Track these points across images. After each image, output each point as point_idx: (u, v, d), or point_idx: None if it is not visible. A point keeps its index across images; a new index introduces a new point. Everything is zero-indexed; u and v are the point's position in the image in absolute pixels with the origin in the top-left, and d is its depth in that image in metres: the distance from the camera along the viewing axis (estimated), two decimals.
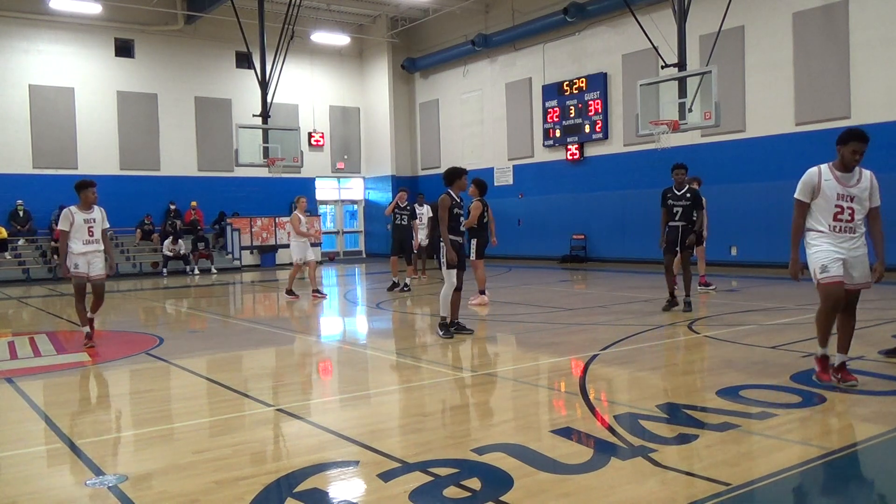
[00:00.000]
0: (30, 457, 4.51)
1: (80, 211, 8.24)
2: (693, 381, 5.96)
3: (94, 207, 8.32)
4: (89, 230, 8.22)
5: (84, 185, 8.32)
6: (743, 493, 3.50)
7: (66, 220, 8.15)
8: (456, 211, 8.50)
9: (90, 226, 8.24)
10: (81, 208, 8.28)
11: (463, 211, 8.70)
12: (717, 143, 17.67)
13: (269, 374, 7.23)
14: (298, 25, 21.19)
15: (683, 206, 10.18)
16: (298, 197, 14.40)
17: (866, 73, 15.16)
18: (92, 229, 8.23)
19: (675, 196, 10.25)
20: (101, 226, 8.34)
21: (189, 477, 3.95)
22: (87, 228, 8.21)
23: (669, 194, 10.30)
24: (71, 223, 8.15)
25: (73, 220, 8.14)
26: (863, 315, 9.22)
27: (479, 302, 11.59)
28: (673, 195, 10.27)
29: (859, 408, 4.91)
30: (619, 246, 20.26)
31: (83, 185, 8.34)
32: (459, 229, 8.63)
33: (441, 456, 4.13)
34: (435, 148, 26.82)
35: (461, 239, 8.63)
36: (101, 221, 8.35)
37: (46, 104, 22.24)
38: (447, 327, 8.41)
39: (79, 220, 8.19)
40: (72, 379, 6.91)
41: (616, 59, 20.24)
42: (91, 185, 8.34)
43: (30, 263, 20.75)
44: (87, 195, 8.25)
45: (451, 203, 8.38)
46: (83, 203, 8.28)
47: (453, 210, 8.44)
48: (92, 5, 21.16)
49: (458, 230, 8.60)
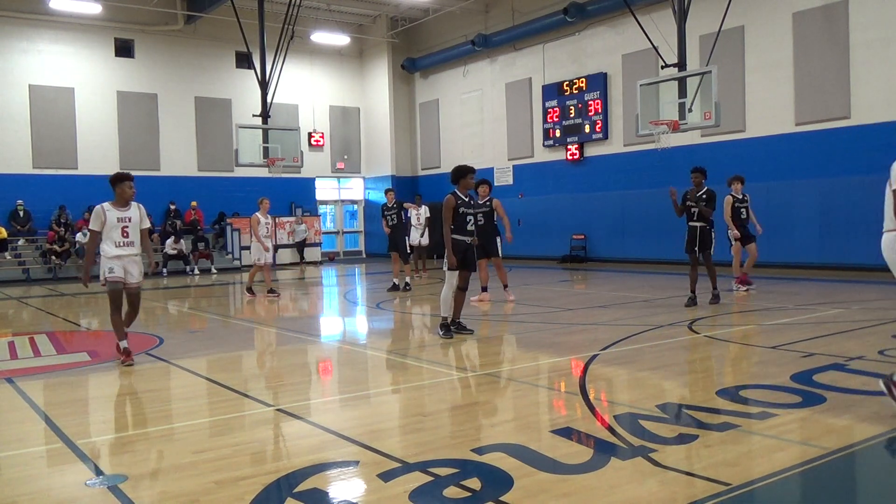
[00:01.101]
0: (30, 457, 4.50)
1: (113, 208, 7.19)
2: (693, 381, 5.96)
3: (131, 204, 7.27)
4: (123, 230, 7.15)
5: (120, 178, 7.27)
6: (743, 493, 3.49)
7: (97, 218, 7.12)
8: (463, 210, 8.28)
9: (124, 225, 7.17)
10: (116, 205, 7.24)
11: (472, 210, 8.45)
12: (717, 143, 17.67)
13: (269, 374, 7.23)
14: (298, 25, 21.19)
15: (700, 207, 10.62)
16: (262, 198, 14.21)
17: (866, 73, 15.16)
18: (126, 229, 7.16)
19: (694, 197, 10.67)
20: (138, 225, 7.28)
21: (189, 477, 3.95)
22: (121, 228, 7.14)
23: (688, 195, 10.72)
24: (102, 222, 7.12)
25: (104, 219, 7.12)
26: (863, 315, 9.25)
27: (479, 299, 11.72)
28: (692, 196, 10.68)
29: (859, 408, 4.91)
30: (619, 246, 20.26)
31: (119, 178, 7.28)
32: (467, 229, 8.34)
33: (441, 456, 4.13)
34: (435, 148, 26.82)
35: (468, 239, 8.37)
36: (139, 220, 7.29)
37: (46, 104, 22.24)
38: (447, 328, 8.35)
39: (111, 218, 7.15)
40: (72, 379, 6.91)
41: (616, 59, 20.25)
42: (128, 178, 7.28)
43: (30, 263, 20.75)
44: (123, 190, 7.21)
45: (455, 203, 8.23)
46: (118, 199, 7.24)
47: (459, 210, 8.26)
48: (92, 5, 21.16)
49: (466, 230, 8.34)
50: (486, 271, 12.02)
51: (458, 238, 8.27)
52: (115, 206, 7.23)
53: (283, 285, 18.01)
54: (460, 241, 8.27)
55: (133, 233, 7.21)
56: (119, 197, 7.24)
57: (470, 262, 8.45)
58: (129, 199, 7.25)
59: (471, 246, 8.42)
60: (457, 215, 8.25)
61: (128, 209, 7.26)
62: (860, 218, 14.76)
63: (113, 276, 7.14)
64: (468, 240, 8.36)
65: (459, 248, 8.27)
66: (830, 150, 15.65)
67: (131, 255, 7.23)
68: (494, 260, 11.78)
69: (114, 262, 7.14)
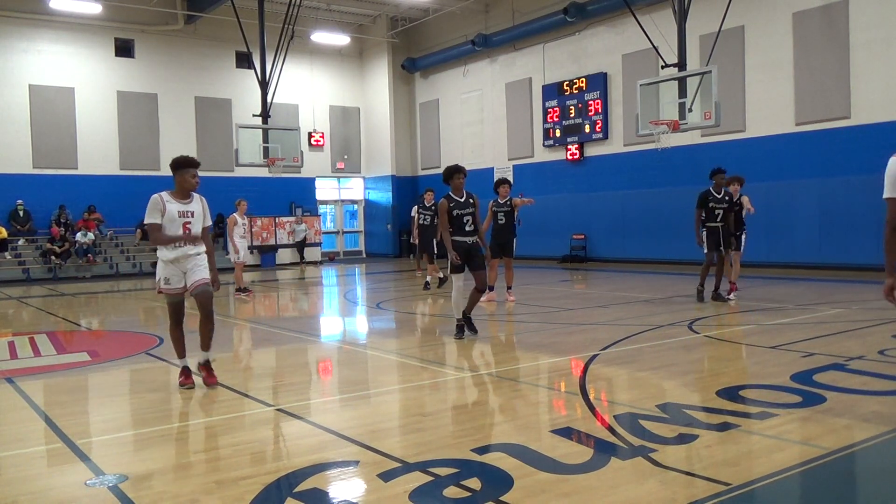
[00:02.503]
0: (30, 457, 4.50)
1: (174, 199, 5.96)
2: (693, 381, 5.96)
3: (194, 196, 6.08)
4: (185, 227, 5.95)
5: (182, 163, 6.00)
6: (743, 493, 3.50)
7: (155, 209, 5.86)
8: (457, 212, 8.12)
9: (187, 221, 5.94)
10: (177, 196, 6.01)
11: (466, 211, 8.13)
12: (717, 143, 17.66)
13: (269, 374, 7.22)
14: (298, 25, 21.19)
15: (723, 207, 10.82)
16: (239, 199, 14.26)
17: (866, 73, 15.16)
18: (189, 225, 5.96)
19: (716, 199, 10.82)
20: (201, 222, 6.06)
21: (189, 477, 3.95)
22: (183, 225, 5.94)
23: (710, 197, 10.82)
24: (162, 212, 5.88)
25: (164, 209, 5.88)
26: (863, 315, 9.25)
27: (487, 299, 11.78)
28: (714, 198, 10.81)
29: (859, 408, 4.91)
30: (619, 246, 20.26)
31: (183, 163, 6.00)
32: (465, 229, 8.15)
33: (441, 456, 4.13)
34: (435, 148, 26.82)
35: (469, 239, 8.18)
36: (202, 216, 6.09)
37: (46, 104, 22.24)
38: (461, 328, 8.30)
39: (172, 211, 5.91)
40: (72, 379, 6.90)
41: (616, 59, 20.25)
42: (192, 164, 6.03)
43: (30, 263, 20.75)
44: (186, 179, 5.97)
45: (448, 206, 8.14)
46: (179, 189, 6.02)
47: (453, 212, 8.11)
48: (92, 5, 21.16)
49: (465, 231, 8.15)
50: (495, 270, 12.13)
51: (458, 240, 8.15)
52: (176, 196, 5.99)
53: (283, 285, 18.02)
54: (461, 242, 8.16)
55: (196, 230, 6.01)
56: (180, 186, 6.00)
57: (476, 263, 8.23)
58: (191, 189, 6.04)
59: (473, 246, 8.22)
60: (452, 217, 8.13)
61: (190, 201, 6.04)
62: (860, 218, 14.76)
63: (169, 287, 6.00)
64: (469, 240, 8.20)
65: (461, 250, 8.16)
66: (830, 150, 15.65)
67: (193, 254, 5.99)
68: (506, 260, 11.83)
69: (171, 269, 5.95)
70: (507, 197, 11.67)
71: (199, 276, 5.99)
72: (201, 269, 6.01)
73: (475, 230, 8.24)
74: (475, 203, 8.24)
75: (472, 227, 8.20)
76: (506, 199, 11.63)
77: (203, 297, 6.01)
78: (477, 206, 8.26)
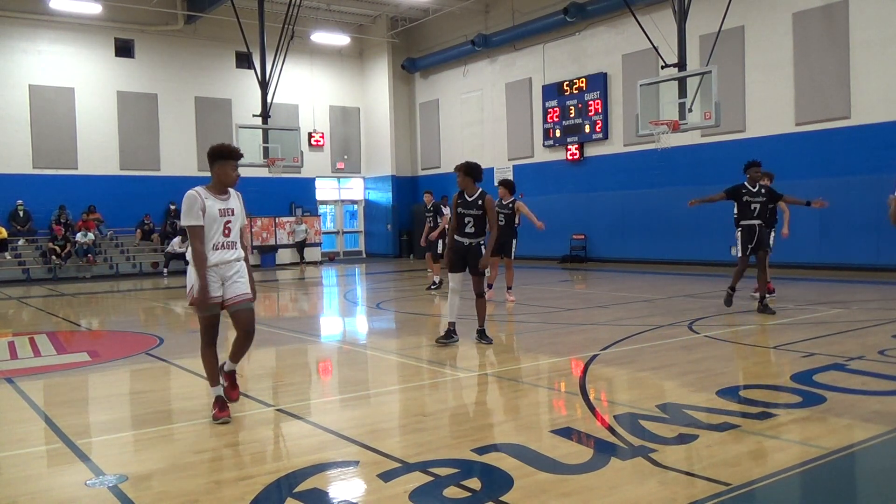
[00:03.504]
0: (30, 457, 4.50)
1: (212, 195, 5.01)
2: (693, 381, 5.96)
3: (230, 191, 5.15)
4: (226, 227, 5.04)
5: (226, 153, 5.05)
6: (743, 493, 3.50)
7: (194, 207, 4.89)
8: (459, 211, 7.83)
9: (227, 220, 5.04)
10: (214, 191, 5.03)
11: (469, 212, 7.80)
12: (717, 143, 17.67)
13: (269, 374, 7.22)
14: (298, 25, 21.19)
15: (760, 202, 9.77)
16: None
17: (866, 73, 15.16)
18: (230, 226, 5.06)
19: (751, 192, 9.77)
20: (240, 221, 5.16)
21: (189, 477, 3.95)
22: (224, 224, 5.03)
23: (745, 190, 9.77)
24: (203, 211, 4.92)
25: (204, 208, 4.92)
26: (863, 315, 9.25)
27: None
28: (748, 191, 9.77)
29: (859, 408, 4.91)
30: (619, 246, 20.26)
31: (224, 153, 5.05)
32: (465, 230, 7.86)
33: (441, 456, 4.13)
34: (435, 148, 26.82)
35: (467, 241, 7.86)
36: (241, 214, 5.17)
37: (46, 104, 22.24)
38: (448, 333, 7.96)
39: (213, 209, 4.95)
40: (72, 379, 6.90)
41: (616, 59, 20.25)
42: (234, 155, 5.10)
43: (30, 263, 20.75)
44: (227, 172, 5.03)
45: (456, 203, 7.89)
46: (217, 183, 5.05)
47: (457, 210, 7.87)
48: (92, 5, 21.15)
49: (464, 232, 7.86)
50: (496, 269, 12.31)
51: (457, 239, 7.96)
52: (213, 192, 5.03)
53: (282, 285, 18.03)
54: (458, 242, 7.95)
55: (235, 230, 5.10)
56: (218, 180, 5.05)
57: (474, 266, 7.93)
58: (232, 184, 5.12)
59: (471, 248, 7.90)
60: (455, 215, 7.96)
61: (228, 197, 5.09)
62: (860, 218, 14.77)
63: (210, 295, 5.00)
64: (467, 241, 7.88)
65: (459, 250, 7.96)
66: (830, 150, 15.65)
67: (233, 259, 5.10)
68: (506, 261, 11.94)
69: (210, 274, 4.98)
70: (511, 199, 11.65)
71: (240, 290, 5.09)
72: (242, 282, 5.11)
73: (477, 232, 7.88)
74: (485, 206, 7.77)
75: (472, 228, 7.85)
76: (508, 200, 11.63)
77: (246, 315, 5.12)
78: (488, 209, 7.79)
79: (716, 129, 15.58)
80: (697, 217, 18.04)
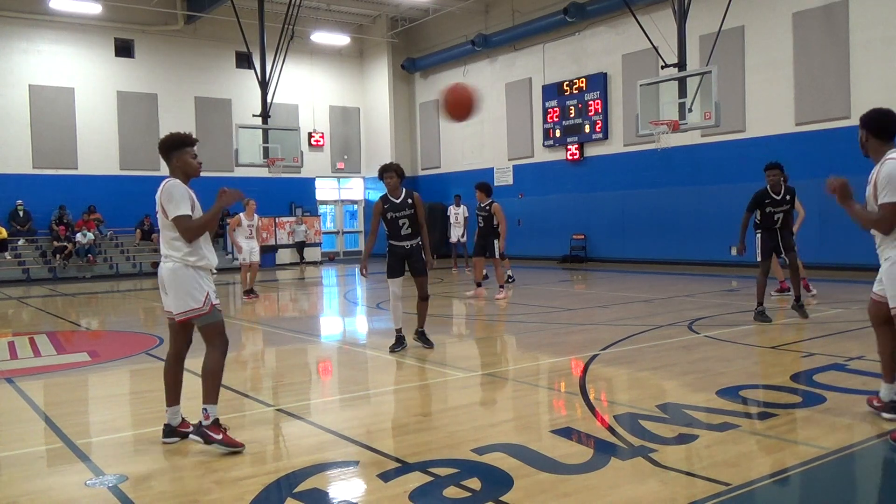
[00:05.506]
0: (30, 457, 4.50)
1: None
2: (693, 381, 5.96)
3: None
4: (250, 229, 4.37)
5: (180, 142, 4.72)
6: (743, 493, 3.50)
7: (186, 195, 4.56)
8: (391, 215, 7.46)
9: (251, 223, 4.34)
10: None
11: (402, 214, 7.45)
12: (717, 143, 17.66)
13: (269, 374, 7.23)
14: (298, 25, 21.19)
15: (784, 210, 8.96)
16: (248, 199, 13.64)
17: (866, 73, 15.15)
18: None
19: (775, 201, 8.93)
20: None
21: (189, 477, 3.95)
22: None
23: (768, 199, 8.94)
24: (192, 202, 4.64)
25: (192, 199, 4.67)
26: (863, 315, 9.22)
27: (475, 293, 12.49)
28: (772, 200, 8.93)
29: (859, 408, 4.91)
30: (619, 246, 20.26)
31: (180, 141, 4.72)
32: (402, 234, 7.51)
33: (441, 456, 4.13)
34: (435, 148, 26.81)
35: (406, 244, 7.55)
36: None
37: (46, 104, 22.24)
38: (398, 340, 7.76)
39: (195, 202, 4.69)
40: (72, 379, 6.90)
41: (616, 59, 20.24)
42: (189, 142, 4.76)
43: (30, 263, 20.75)
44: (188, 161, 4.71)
45: (381, 208, 7.49)
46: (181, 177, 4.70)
47: (387, 215, 7.47)
48: (92, 5, 21.16)
49: (401, 235, 7.52)
50: (479, 269, 12.89)
51: (395, 244, 7.57)
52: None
53: (282, 285, 18.02)
54: (397, 247, 7.56)
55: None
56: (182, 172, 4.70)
57: (417, 269, 7.64)
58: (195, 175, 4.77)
59: (412, 251, 7.58)
60: (387, 221, 7.50)
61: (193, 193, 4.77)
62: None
63: (218, 301, 4.62)
64: (406, 244, 7.55)
65: (398, 256, 7.59)
66: (830, 150, 15.63)
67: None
68: (493, 260, 12.45)
69: (209, 280, 4.59)
70: (488, 201, 12.40)
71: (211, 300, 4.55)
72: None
73: (414, 233, 7.56)
74: (415, 204, 7.45)
75: (409, 230, 7.52)
76: (485, 203, 12.39)
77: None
78: (418, 206, 7.46)
79: (716, 129, 15.57)
80: (697, 217, 18.06)
